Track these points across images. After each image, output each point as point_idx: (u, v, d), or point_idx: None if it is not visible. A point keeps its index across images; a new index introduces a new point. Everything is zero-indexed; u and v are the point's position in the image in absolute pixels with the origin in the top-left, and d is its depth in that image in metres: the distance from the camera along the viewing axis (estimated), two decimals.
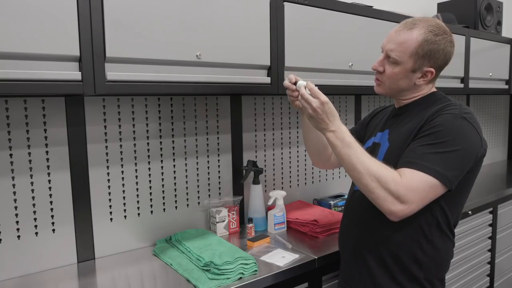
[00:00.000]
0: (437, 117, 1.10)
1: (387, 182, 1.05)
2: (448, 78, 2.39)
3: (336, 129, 1.13)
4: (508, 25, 3.27)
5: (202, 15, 1.34)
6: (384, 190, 1.05)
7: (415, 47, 1.13)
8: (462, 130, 1.08)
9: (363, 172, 1.08)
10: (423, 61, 1.14)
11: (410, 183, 1.05)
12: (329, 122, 1.14)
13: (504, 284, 2.55)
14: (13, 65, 1.03)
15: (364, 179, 1.08)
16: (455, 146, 1.06)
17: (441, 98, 1.21)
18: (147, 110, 1.60)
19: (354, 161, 1.09)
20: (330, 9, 1.70)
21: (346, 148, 1.11)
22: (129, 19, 1.19)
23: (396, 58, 1.15)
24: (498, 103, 3.53)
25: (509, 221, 2.55)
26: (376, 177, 1.06)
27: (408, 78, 1.18)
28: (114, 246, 1.55)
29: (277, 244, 1.62)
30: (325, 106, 1.14)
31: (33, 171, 1.37)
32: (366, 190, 1.09)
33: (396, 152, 1.17)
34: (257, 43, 1.50)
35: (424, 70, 1.16)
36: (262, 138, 1.96)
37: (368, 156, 1.10)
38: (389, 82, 1.20)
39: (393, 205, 1.05)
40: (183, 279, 1.31)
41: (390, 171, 1.07)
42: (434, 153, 1.06)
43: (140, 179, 1.60)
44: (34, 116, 1.36)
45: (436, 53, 1.14)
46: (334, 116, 1.14)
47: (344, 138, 1.12)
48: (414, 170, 1.06)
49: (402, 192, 1.04)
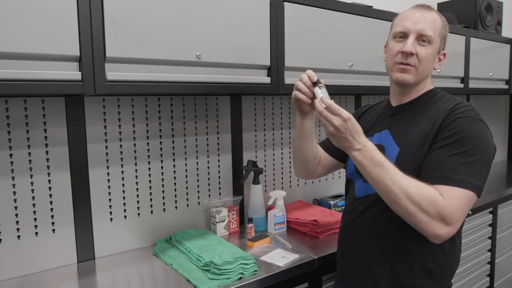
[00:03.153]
0: (455, 121, 1.05)
1: (430, 205, 0.98)
2: (448, 78, 2.39)
3: (362, 147, 1.03)
4: (508, 25, 3.27)
5: (202, 15, 1.34)
6: (427, 214, 0.98)
7: (442, 26, 1.15)
8: (483, 134, 1.05)
9: (400, 195, 0.99)
10: (442, 42, 1.17)
11: (453, 202, 0.99)
12: (353, 140, 1.03)
13: (504, 284, 2.55)
14: (13, 65, 1.03)
15: (402, 203, 0.99)
16: (481, 153, 1.03)
17: (442, 95, 1.19)
18: (147, 110, 1.60)
19: (388, 183, 1.00)
20: (330, 9, 1.70)
21: (377, 168, 1.01)
22: (129, 19, 1.19)
23: (431, 36, 1.12)
24: (498, 103, 3.53)
25: (509, 221, 2.55)
26: (416, 201, 0.98)
27: (434, 60, 1.17)
28: (114, 246, 1.55)
29: (277, 244, 1.62)
30: (348, 123, 1.01)
31: (33, 171, 1.37)
32: (406, 214, 1.01)
33: (410, 157, 1.10)
34: (257, 43, 1.50)
35: (442, 52, 1.19)
36: (262, 138, 1.96)
37: (403, 175, 1.01)
38: (422, 65, 1.13)
39: (438, 228, 0.99)
40: (183, 279, 1.31)
41: (431, 191, 1.00)
42: (465, 163, 1.01)
43: (140, 179, 1.60)
44: (34, 116, 1.36)
45: (447, 35, 1.18)
46: (358, 132, 1.03)
47: (373, 157, 1.02)
48: (453, 187, 1.00)
49: (446, 214, 0.98)
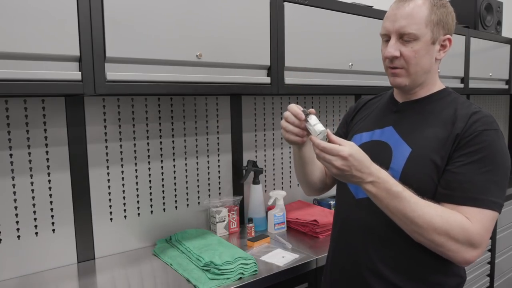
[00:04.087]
0: (481, 135, 0.96)
1: (459, 233, 0.91)
2: (448, 78, 2.39)
3: (375, 179, 0.93)
4: (508, 25, 3.27)
5: (202, 15, 1.34)
6: (455, 243, 0.92)
7: (427, 13, 0.99)
8: (505, 149, 0.99)
9: (425, 227, 0.92)
10: (439, 28, 1.00)
11: (483, 226, 0.93)
12: (362, 174, 0.92)
13: (504, 284, 2.55)
14: (13, 65, 1.03)
15: (428, 234, 0.92)
16: (505, 170, 0.97)
17: (456, 97, 1.08)
18: (147, 110, 1.60)
19: (410, 215, 0.92)
20: (330, 9, 1.70)
21: (396, 200, 0.92)
22: (129, 19, 1.19)
23: (414, 32, 0.98)
24: (498, 103, 3.53)
25: (509, 221, 2.55)
26: (444, 231, 0.91)
27: (430, 53, 1.02)
28: (114, 246, 1.55)
29: (277, 244, 1.62)
30: (350, 159, 0.91)
31: (33, 171, 1.37)
32: (432, 245, 0.94)
33: (424, 159, 1.00)
34: (257, 43, 1.50)
35: (442, 39, 1.02)
36: (262, 138, 1.96)
37: (424, 203, 0.93)
38: (412, 65, 1.02)
39: (467, 253, 0.93)
40: (183, 279, 1.31)
41: (458, 217, 0.92)
42: (494, 183, 0.95)
43: (140, 179, 1.60)
44: (34, 116, 1.36)
45: (447, 16, 1.01)
46: (364, 165, 0.92)
47: (389, 188, 0.92)
48: (483, 210, 0.93)
49: (475, 239, 0.92)
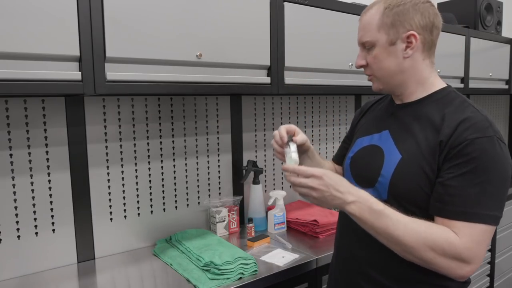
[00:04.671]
0: (473, 144, 0.91)
1: (445, 249, 0.89)
2: (448, 78, 2.39)
3: (356, 199, 0.92)
4: (508, 25, 3.27)
5: (202, 15, 1.34)
6: (444, 258, 0.89)
7: (378, 18, 1.00)
8: (502, 157, 0.92)
9: (410, 244, 0.90)
10: (397, 28, 0.99)
11: (472, 240, 0.89)
12: (341, 194, 0.92)
13: (504, 284, 2.55)
14: (13, 65, 1.04)
15: (415, 251, 0.90)
16: (502, 180, 0.92)
17: (452, 98, 1.02)
18: (147, 110, 1.60)
19: (395, 234, 0.90)
20: (330, 9, 1.70)
21: (379, 220, 0.91)
22: (129, 19, 1.19)
23: (369, 40, 1.02)
24: (498, 103, 3.53)
25: (509, 221, 2.55)
26: (429, 246, 0.89)
27: (392, 54, 1.01)
28: (114, 246, 1.55)
29: (277, 244, 1.62)
30: (325, 178, 0.93)
31: (33, 171, 1.37)
32: (422, 262, 0.92)
33: (413, 170, 0.97)
34: (257, 43, 1.50)
35: (403, 36, 0.99)
36: (262, 138, 1.96)
37: (408, 220, 0.91)
38: (377, 69, 1.04)
39: (460, 269, 0.90)
40: (183, 279, 1.31)
41: (444, 232, 0.90)
42: (487, 194, 0.90)
43: (140, 179, 1.60)
44: (34, 116, 1.36)
45: (406, 13, 0.99)
46: (342, 184, 0.93)
47: (371, 207, 0.92)
48: (474, 224, 0.89)
49: (464, 254, 0.89)
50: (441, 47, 2.38)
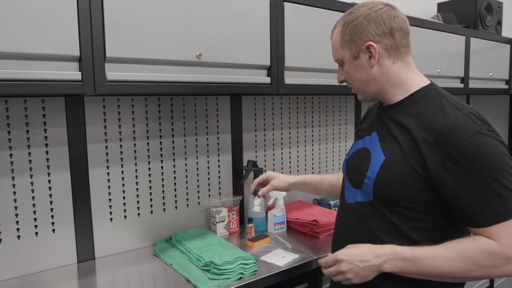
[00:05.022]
0: (464, 145, 0.91)
1: (488, 260, 0.90)
2: (448, 78, 2.39)
3: (385, 259, 0.95)
4: (508, 25, 3.27)
5: (202, 15, 1.34)
6: (496, 268, 0.90)
7: (340, 37, 1.08)
8: (497, 147, 0.93)
9: (458, 271, 0.91)
10: (356, 42, 1.05)
11: (510, 239, 0.90)
12: (370, 262, 0.95)
13: (504, 284, 2.55)
14: (13, 65, 1.04)
15: (468, 275, 0.92)
16: (508, 168, 0.92)
17: (434, 96, 1.02)
18: (147, 110, 1.60)
19: (438, 270, 0.92)
20: (330, 9, 1.70)
21: (417, 264, 0.93)
22: (129, 19, 1.19)
23: (338, 58, 1.12)
24: (498, 103, 3.53)
25: None
26: (476, 265, 0.90)
27: (359, 66, 1.06)
28: (114, 246, 1.55)
29: (277, 244, 1.62)
30: (346, 259, 0.97)
31: (33, 171, 1.37)
32: (480, 278, 0.94)
33: (395, 171, 0.99)
34: (257, 43, 1.50)
35: (363, 48, 1.04)
36: (262, 138, 1.96)
37: (442, 251, 0.93)
38: (353, 82, 1.11)
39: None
40: (183, 279, 1.31)
41: (478, 245, 0.91)
42: (504, 187, 0.91)
43: (140, 179, 1.60)
44: (34, 116, 1.36)
45: (360, 27, 1.03)
46: (363, 253, 0.97)
47: (401, 257, 0.94)
48: (507, 221, 0.90)
49: (510, 253, 0.90)
50: (441, 47, 2.40)
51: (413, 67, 1.08)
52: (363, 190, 1.06)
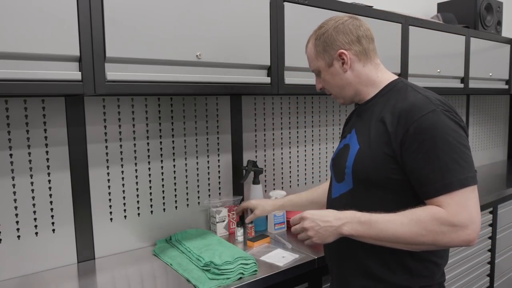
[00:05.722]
0: (419, 123, 1.00)
1: (435, 224, 0.96)
2: (448, 78, 2.39)
3: (344, 221, 1.04)
4: (508, 25, 3.27)
5: (202, 15, 1.34)
6: (442, 234, 0.97)
7: (313, 49, 1.21)
8: (451, 124, 1.01)
9: (409, 235, 0.98)
10: (328, 52, 1.17)
11: (457, 205, 0.97)
12: (330, 222, 1.05)
13: (504, 284, 2.55)
14: (13, 65, 1.04)
15: (416, 240, 0.99)
16: (461, 142, 1.00)
17: (401, 87, 1.13)
18: (147, 110, 1.60)
19: (391, 233, 1.00)
20: (330, 9, 1.70)
21: (373, 227, 1.01)
22: (129, 19, 1.19)
23: (314, 69, 1.23)
24: (498, 103, 3.53)
25: (509, 221, 2.55)
26: (423, 230, 0.97)
27: (334, 73, 1.18)
28: (114, 246, 1.55)
29: (277, 244, 1.62)
30: (308, 216, 1.08)
31: (33, 171, 1.37)
32: (429, 245, 1.00)
33: (367, 157, 1.09)
34: (257, 43, 1.50)
35: (336, 56, 1.16)
36: (262, 138, 1.96)
37: (395, 217, 1.00)
38: (331, 88, 1.22)
39: (461, 236, 0.97)
40: (183, 279, 1.31)
41: (426, 212, 0.98)
42: (453, 161, 0.98)
43: (140, 179, 1.60)
44: (34, 116, 1.36)
45: (330, 38, 1.16)
46: (326, 214, 1.07)
47: (358, 220, 1.03)
48: (455, 191, 0.97)
49: (456, 220, 0.96)
50: (441, 47, 2.40)
51: (382, 67, 1.20)
52: (345, 181, 1.16)
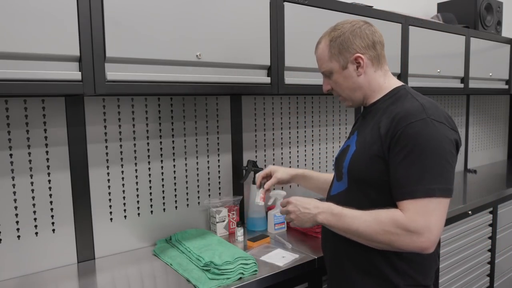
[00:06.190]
0: (407, 129, 1.03)
1: (393, 227, 1.01)
2: (448, 78, 2.39)
3: (321, 210, 1.14)
4: (508, 25, 3.27)
5: (202, 15, 1.34)
6: (397, 236, 1.01)
7: (328, 50, 1.20)
8: (438, 134, 1.03)
9: (369, 233, 1.05)
10: (344, 54, 1.18)
11: (416, 213, 1.00)
12: (309, 210, 1.16)
13: (504, 284, 2.55)
14: (13, 65, 1.04)
15: (375, 238, 1.04)
16: (441, 155, 1.02)
17: (403, 94, 1.16)
18: (147, 110, 1.60)
19: (355, 228, 1.07)
20: (330, 9, 1.70)
21: (342, 220, 1.09)
22: (129, 19, 1.19)
23: (326, 69, 1.22)
24: (498, 103, 3.53)
25: (509, 221, 2.55)
26: (382, 230, 1.03)
27: (348, 76, 1.19)
28: (114, 246, 1.55)
29: (277, 244, 1.62)
30: (293, 200, 1.20)
31: (33, 171, 1.37)
32: (384, 245, 1.05)
33: (360, 157, 1.14)
34: (257, 43, 1.50)
35: (351, 60, 1.17)
36: (262, 138, 1.96)
37: (363, 214, 1.07)
38: (341, 90, 1.23)
39: (415, 242, 1.01)
40: (183, 279, 1.31)
41: (388, 214, 1.03)
42: (426, 170, 1.01)
43: (140, 179, 1.60)
44: (34, 116, 1.36)
45: (347, 41, 1.17)
46: (308, 202, 1.18)
47: (331, 212, 1.12)
48: (418, 199, 1.01)
49: (412, 226, 1.00)
50: (441, 47, 2.40)
51: (389, 74, 1.23)
52: (343, 180, 1.21)
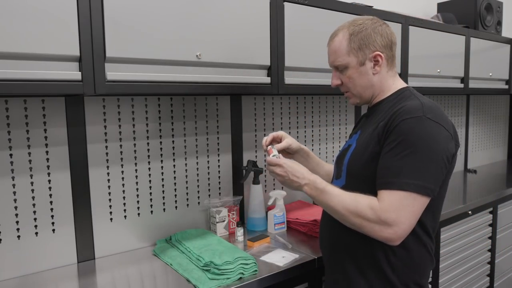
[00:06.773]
0: (400, 124, 1.05)
1: (367, 213, 1.05)
2: (448, 78, 2.39)
3: (308, 182, 1.16)
4: (508, 25, 3.27)
5: (202, 15, 1.34)
6: (368, 222, 1.05)
7: (347, 44, 1.17)
8: (429, 132, 1.03)
9: (343, 212, 1.09)
10: (363, 50, 1.16)
11: (390, 204, 1.02)
12: (298, 178, 1.17)
13: (504, 284, 2.55)
14: (13, 65, 1.04)
15: (348, 218, 1.08)
16: (428, 153, 1.02)
17: (403, 96, 1.17)
18: (147, 110, 1.60)
19: (332, 204, 1.11)
20: (330, 9, 1.70)
21: (322, 195, 1.13)
22: (129, 19, 1.19)
23: (341, 63, 1.19)
24: (498, 103, 3.53)
25: (509, 221, 2.55)
26: (356, 213, 1.06)
27: (363, 73, 1.18)
28: (114, 246, 1.55)
29: (277, 244, 1.62)
30: (285, 166, 1.19)
31: (33, 171, 1.37)
32: (356, 227, 1.08)
33: (359, 155, 1.16)
34: (257, 43, 1.50)
35: (370, 57, 1.16)
36: (262, 138, 1.96)
37: (342, 193, 1.11)
38: (353, 87, 1.21)
39: (382, 231, 1.04)
40: (183, 279, 1.31)
41: (366, 200, 1.06)
42: (410, 165, 1.02)
43: (140, 179, 1.60)
44: (34, 116, 1.36)
45: (369, 37, 1.16)
46: (298, 170, 1.18)
47: (317, 186, 1.14)
48: (393, 191, 1.03)
49: (384, 216, 1.02)
50: (441, 47, 2.40)
51: (397, 76, 1.24)
52: (341, 178, 1.23)
